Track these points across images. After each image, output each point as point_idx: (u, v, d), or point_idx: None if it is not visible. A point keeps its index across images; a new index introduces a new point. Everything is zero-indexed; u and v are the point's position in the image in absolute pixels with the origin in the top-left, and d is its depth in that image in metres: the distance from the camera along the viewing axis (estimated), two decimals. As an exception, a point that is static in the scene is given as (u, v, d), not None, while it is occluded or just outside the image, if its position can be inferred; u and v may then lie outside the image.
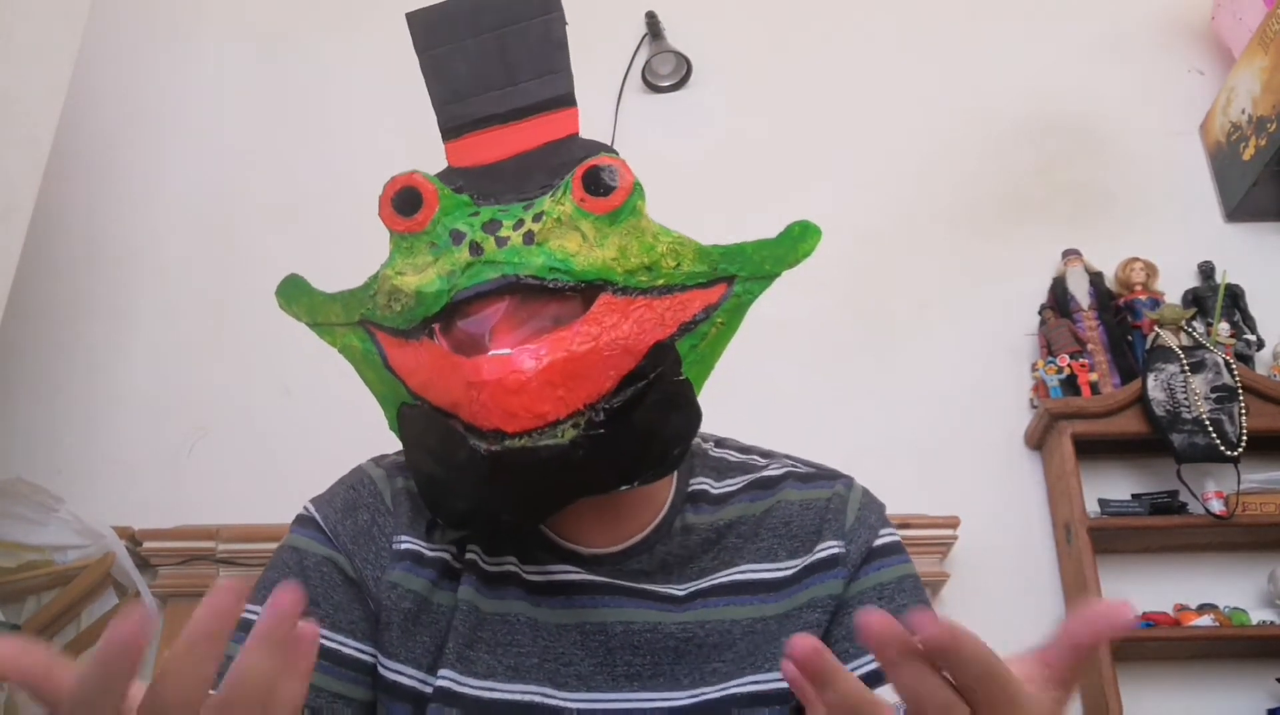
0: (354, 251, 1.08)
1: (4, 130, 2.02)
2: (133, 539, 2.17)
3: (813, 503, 0.83)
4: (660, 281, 0.72)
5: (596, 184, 0.71)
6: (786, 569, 0.80)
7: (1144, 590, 2.17)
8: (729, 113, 2.78)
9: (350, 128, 2.72)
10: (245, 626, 0.74)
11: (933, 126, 2.73)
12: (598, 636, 0.76)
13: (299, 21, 2.94)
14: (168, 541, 2.17)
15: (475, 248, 0.70)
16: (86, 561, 2.08)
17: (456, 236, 0.71)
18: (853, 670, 0.75)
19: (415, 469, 0.75)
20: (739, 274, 0.75)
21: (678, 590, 0.78)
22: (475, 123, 0.77)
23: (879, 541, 0.83)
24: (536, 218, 0.71)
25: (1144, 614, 2.12)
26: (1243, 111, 2.52)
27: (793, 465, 0.87)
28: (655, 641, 0.76)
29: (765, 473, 0.86)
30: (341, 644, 0.76)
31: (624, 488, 0.72)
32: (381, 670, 0.76)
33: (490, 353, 0.68)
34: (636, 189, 0.72)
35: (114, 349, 2.54)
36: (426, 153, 0.90)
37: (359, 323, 0.76)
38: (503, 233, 0.71)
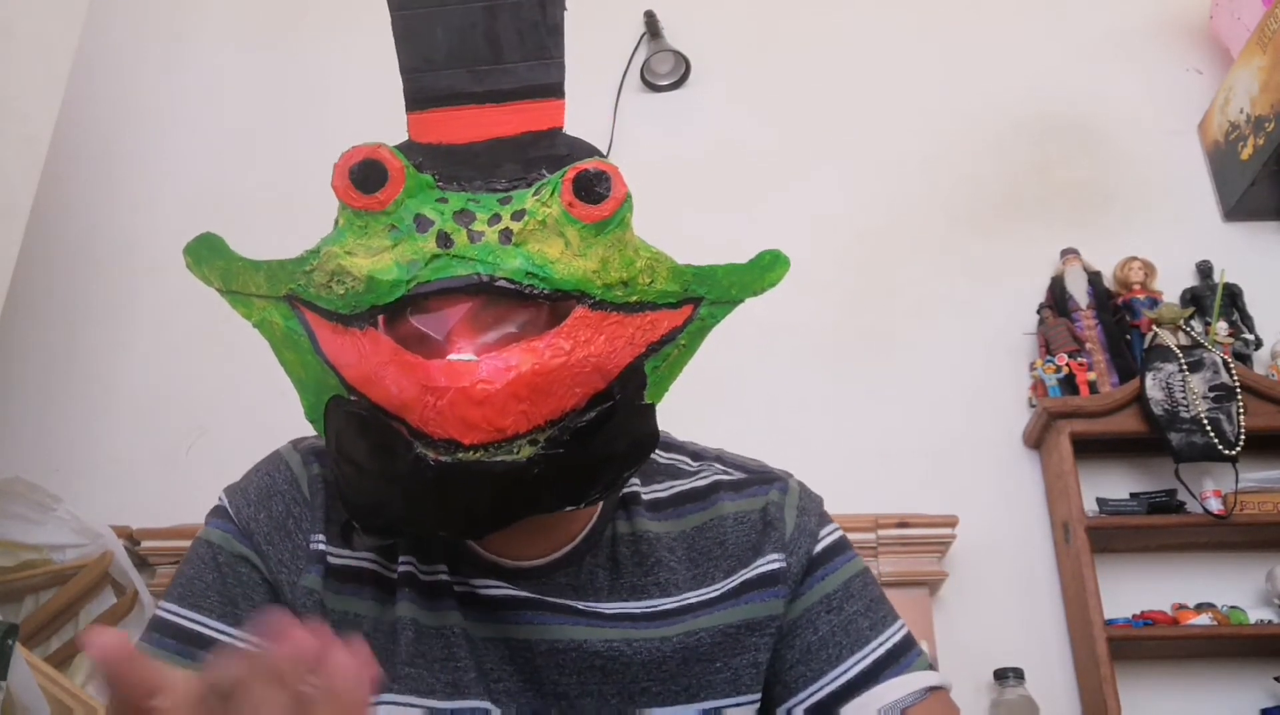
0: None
1: (2, 129, 2.02)
2: (131, 538, 2.17)
3: (747, 515, 0.80)
4: (634, 298, 0.68)
5: (589, 190, 0.66)
6: (721, 588, 0.77)
7: (1142, 589, 2.17)
8: (728, 112, 2.78)
9: (349, 125, 2.70)
10: (172, 631, 0.72)
11: (931, 125, 2.73)
12: (524, 654, 0.74)
13: (296, 19, 2.95)
14: (166, 540, 2.17)
15: (444, 239, 0.64)
16: (84, 560, 2.08)
17: (422, 223, 0.65)
18: (816, 689, 0.75)
19: (340, 469, 0.69)
20: (706, 297, 0.71)
21: (606, 608, 0.75)
22: (447, 97, 0.70)
23: (820, 547, 0.80)
24: (516, 215, 0.65)
25: (1142, 613, 2.12)
26: (1241, 111, 2.52)
27: (722, 471, 0.83)
28: (581, 660, 0.73)
29: (694, 483, 0.82)
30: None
31: (568, 509, 0.69)
32: None
33: (450, 357, 0.63)
34: (628, 201, 0.67)
35: (112, 348, 2.54)
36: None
37: (285, 298, 0.68)
38: (476, 226, 0.65)
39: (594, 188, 0.66)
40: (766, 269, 0.73)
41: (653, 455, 0.83)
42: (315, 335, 0.68)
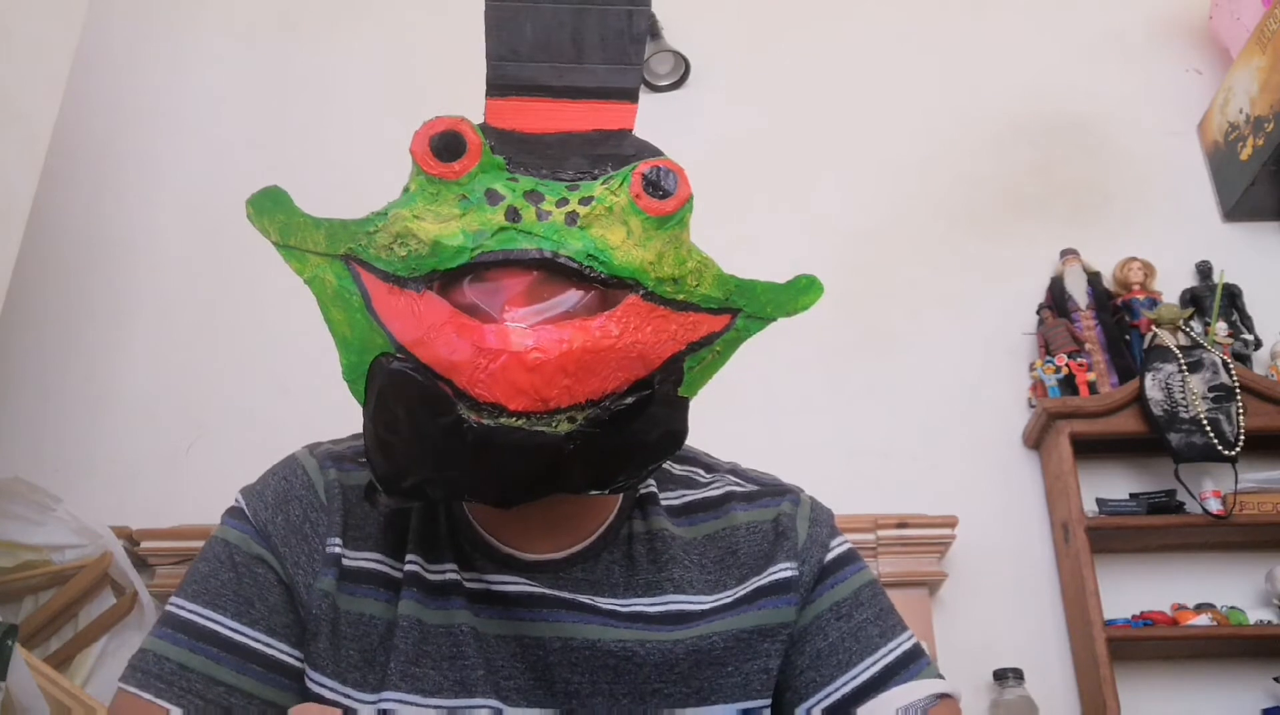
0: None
1: (2, 129, 2.02)
2: (130, 538, 2.17)
3: (759, 525, 0.82)
4: (681, 296, 0.70)
5: (656, 185, 0.69)
6: (734, 594, 0.79)
7: (1141, 589, 2.17)
8: (727, 113, 2.78)
9: (349, 124, 2.72)
10: (186, 627, 0.73)
11: (931, 126, 2.73)
12: (536, 651, 0.75)
13: (296, 19, 2.94)
14: (165, 541, 2.17)
15: (513, 213, 0.67)
16: (84, 561, 2.08)
17: (493, 197, 0.68)
18: (827, 694, 0.76)
19: (374, 429, 0.69)
20: (744, 309, 0.74)
21: (620, 605, 0.77)
22: (527, 88, 0.73)
23: (830, 556, 0.82)
24: (584, 201, 0.68)
25: (1142, 613, 2.12)
26: (1240, 111, 2.52)
27: (736, 482, 0.86)
28: (594, 659, 0.74)
29: (707, 493, 0.84)
30: (273, 646, 0.75)
31: (593, 492, 0.71)
32: (307, 680, 0.74)
33: (506, 323, 0.65)
34: (690, 201, 0.71)
35: (112, 348, 2.54)
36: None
37: (342, 257, 0.70)
38: (545, 206, 0.68)
39: (662, 183, 0.70)
40: (802, 292, 0.76)
41: (667, 466, 0.85)
42: (369, 294, 0.69)
